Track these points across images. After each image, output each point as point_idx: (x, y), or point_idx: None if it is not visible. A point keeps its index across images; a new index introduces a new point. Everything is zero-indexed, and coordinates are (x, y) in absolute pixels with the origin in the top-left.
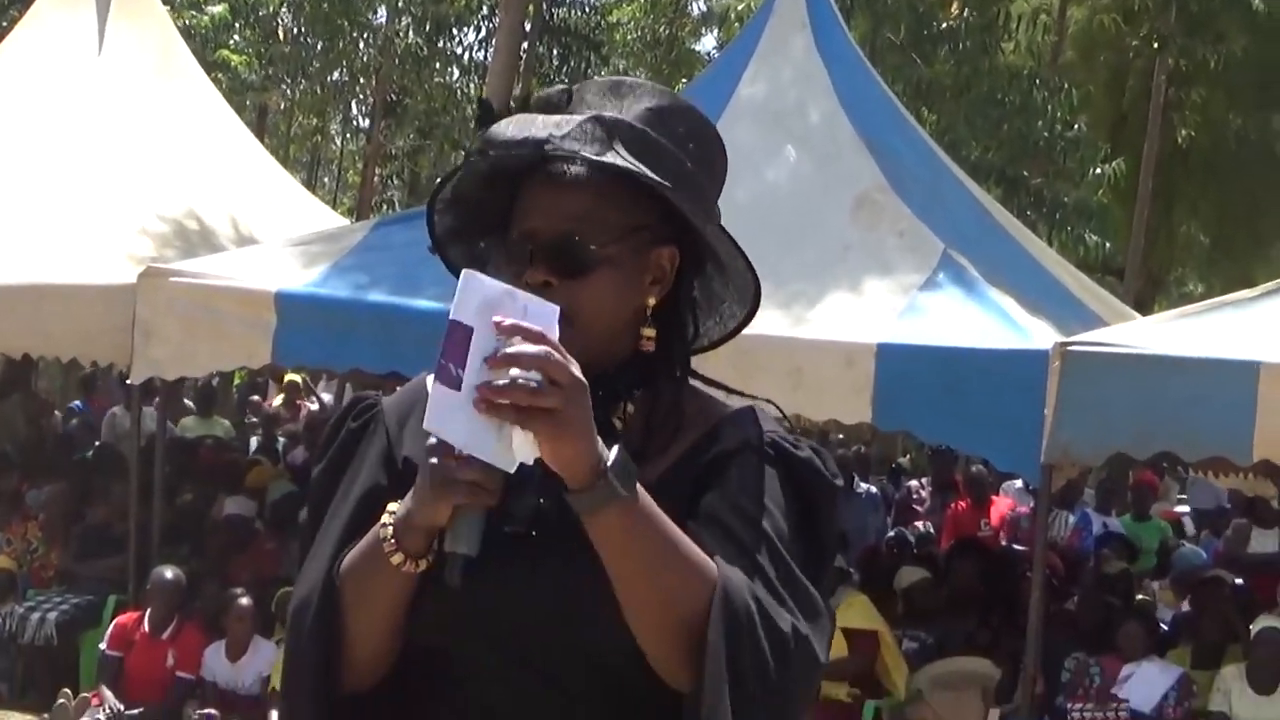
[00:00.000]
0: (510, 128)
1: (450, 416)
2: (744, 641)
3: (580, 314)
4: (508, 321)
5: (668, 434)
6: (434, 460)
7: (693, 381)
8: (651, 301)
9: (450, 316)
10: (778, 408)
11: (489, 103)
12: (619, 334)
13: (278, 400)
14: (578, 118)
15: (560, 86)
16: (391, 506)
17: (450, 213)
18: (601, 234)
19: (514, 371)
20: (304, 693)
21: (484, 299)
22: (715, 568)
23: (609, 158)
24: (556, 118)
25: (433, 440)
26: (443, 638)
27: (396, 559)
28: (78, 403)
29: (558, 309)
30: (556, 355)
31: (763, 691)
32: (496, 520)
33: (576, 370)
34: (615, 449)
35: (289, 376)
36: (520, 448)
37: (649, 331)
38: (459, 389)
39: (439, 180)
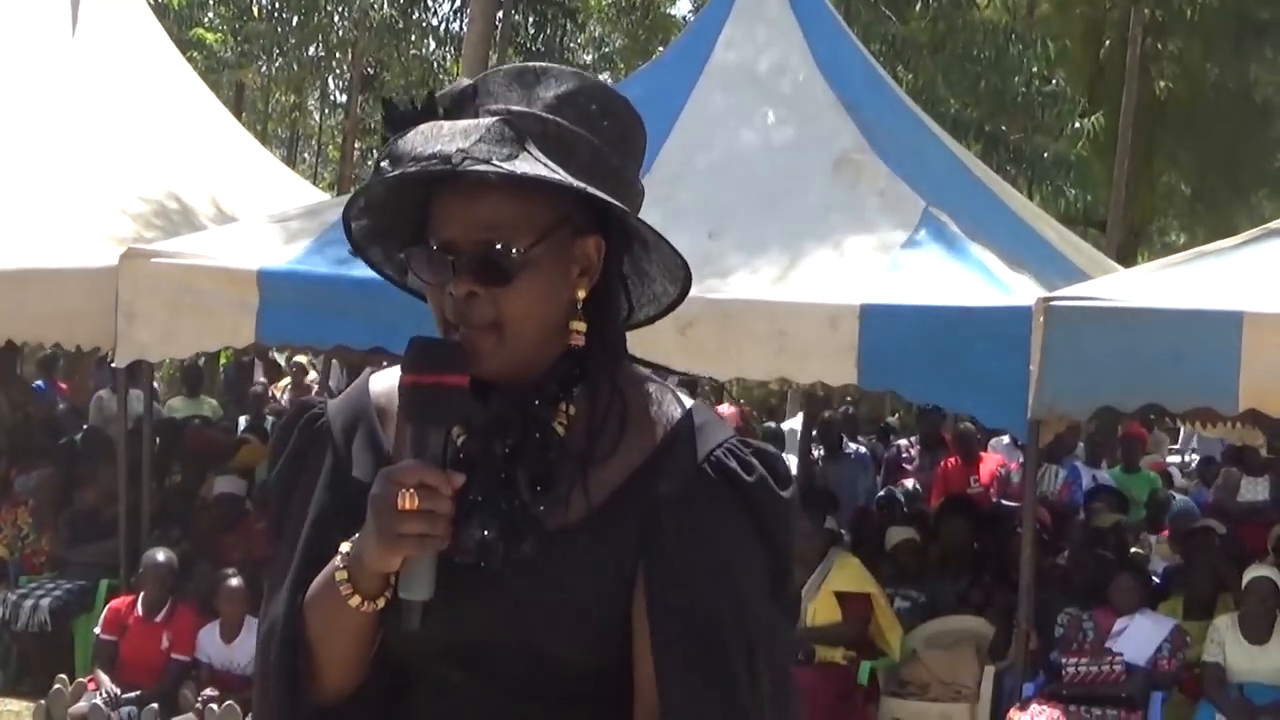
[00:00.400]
0: (417, 140)
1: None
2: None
3: (510, 320)
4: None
5: (614, 432)
6: (380, 514)
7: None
8: (581, 294)
9: None
10: (718, 384)
11: (394, 103)
12: (550, 333)
13: (284, 390)
14: (485, 122)
15: (464, 81)
16: (343, 547)
17: (366, 217)
18: (522, 237)
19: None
20: (275, 715)
21: None
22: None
23: (521, 163)
24: (463, 124)
25: (375, 492)
26: (409, 659)
27: (354, 602)
28: (40, 383)
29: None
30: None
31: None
32: (446, 552)
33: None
34: None
35: (297, 358)
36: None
37: (579, 325)
38: None
39: (352, 192)
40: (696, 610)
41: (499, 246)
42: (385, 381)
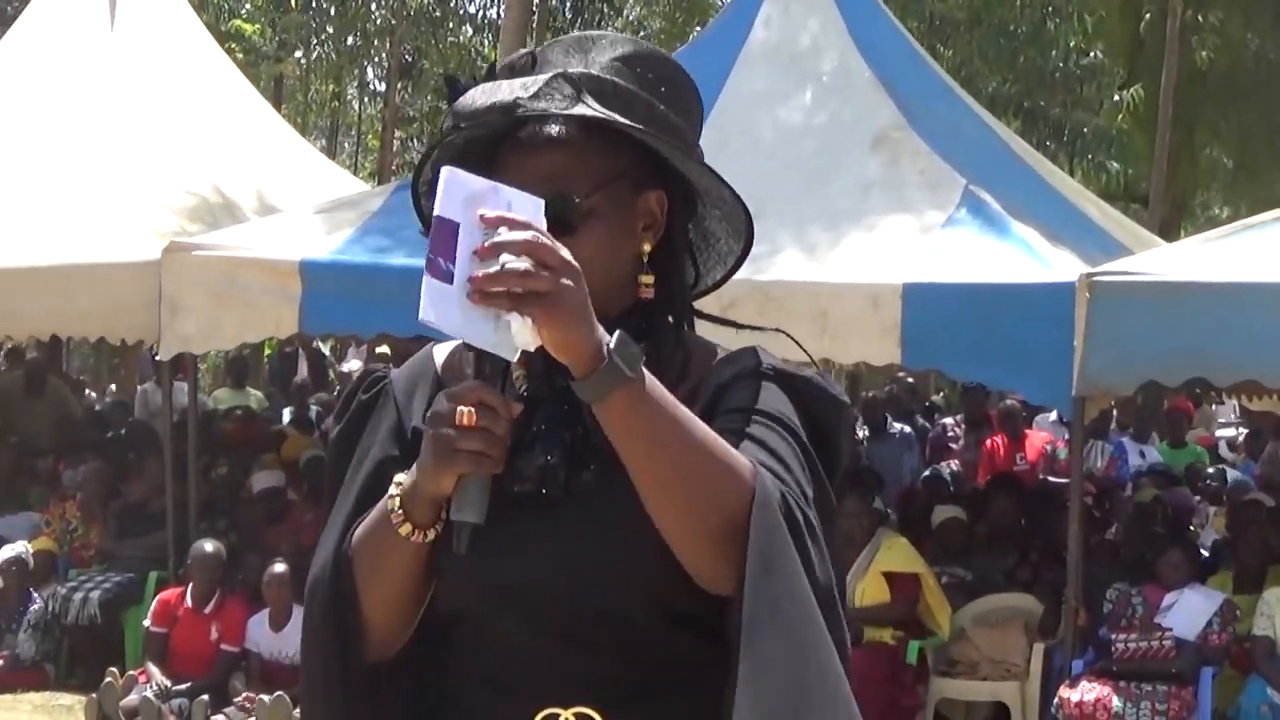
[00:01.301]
0: (478, 97)
1: (445, 309)
2: (784, 538)
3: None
4: (492, 214)
5: (672, 381)
6: (436, 430)
7: (701, 324)
8: (647, 248)
9: (435, 213)
10: (794, 339)
11: (457, 79)
12: (617, 285)
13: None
14: (543, 77)
15: (523, 50)
16: (399, 477)
17: (432, 195)
18: (583, 186)
19: (504, 258)
20: (320, 669)
21: (468, 194)
22: (743, 457)
23: (578, 109)
24: (522, 80)
25: (435, 410)
26: (460, 603)
27: (405, 530)
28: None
29: (543, 201)
30: (544, 239)
31: (800, 588)
32: (505, 479)
33: (566, 254)
34: (617, 332)
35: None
36: (519, 334)
37: (646, 279)
38: (451, 283)
39: (417, 164)
40: (748, 445)
41: (561, 195)
42: (450, 348)
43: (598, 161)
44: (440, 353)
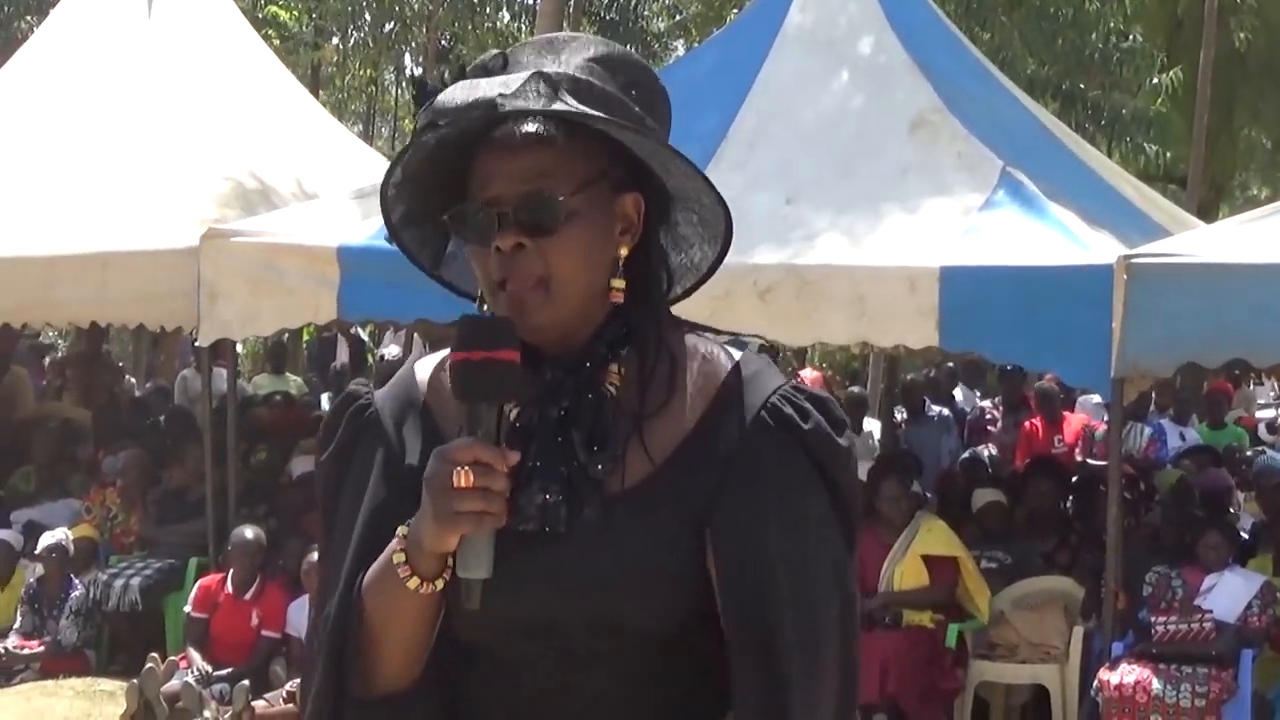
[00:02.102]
0: (457, 93)
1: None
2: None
3: (557, 274)
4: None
5: (664, 387)
6: (435, 493)
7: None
8: (623, 252)
9: None
10: (772, 344)
11: (423, 80)
12: (596, 291)
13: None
14: (522, 75)
15: (493, 51)
16: (401, 530)
17: (402, 197)
18: (566, 186)
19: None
20: (330, 714)
21: None
22: None
23: (558, 106)
24: (500, 78)
25: (429, 472)
26: (475, 638)
27: (413, 584)
28: None
29: None
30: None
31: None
32: (507, 522)
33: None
34: None
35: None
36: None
37: (618, 283)
38: None
39: (389, 165)
40: (773, 559)
41: (544, 194)
42: (431, 367)
43: (578, 161)
44: (423, 371)
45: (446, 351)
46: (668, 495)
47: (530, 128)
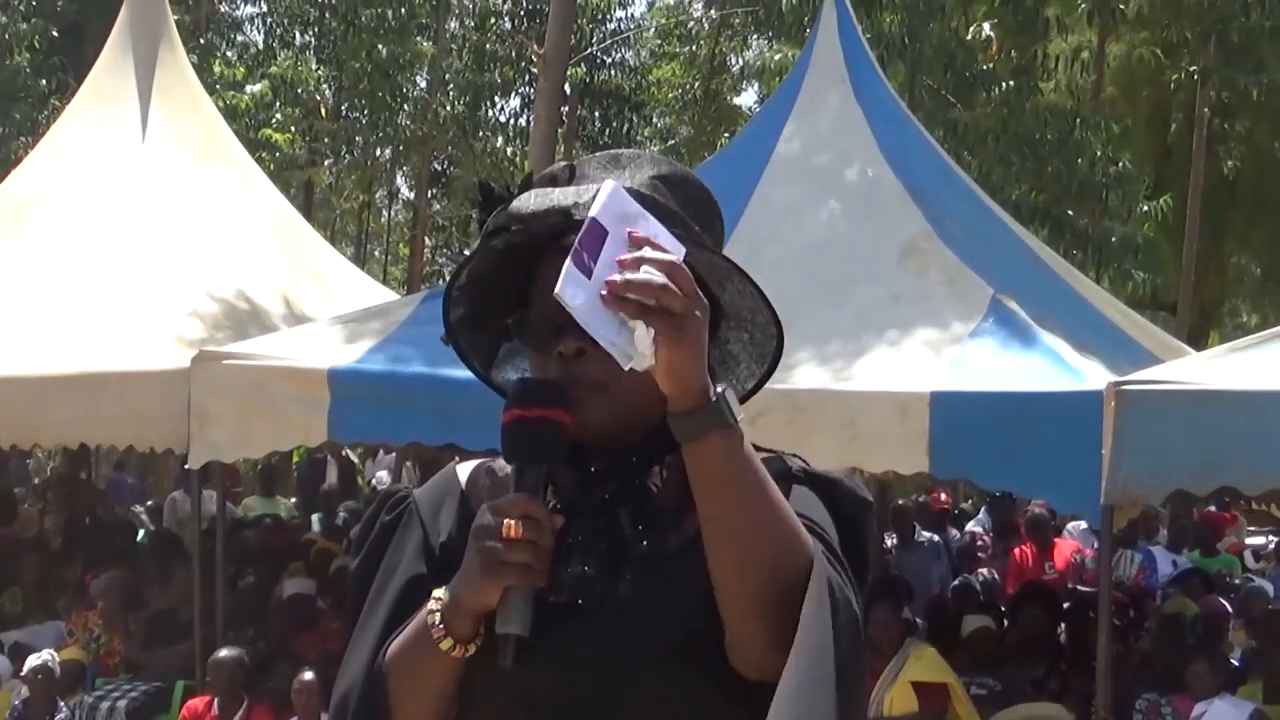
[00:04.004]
0: (531, 200)
1: (578, 294)
2: (836, 619)
3: (615, 380)
4: (642, 233)
5: None
6: (481, 544)
7: None
8: None
9: (590, 215)
10: (804, 462)
11: (489, 185)
12: (650, 399)
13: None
14: (594, 186)
15: (561, 163)
16: (437, 593)
17: (463, 300)
18: None
19: (645, 270)
20: None
21: (623, 211)
22: (806, 533)
23: None
24: (573, 188)
25: (479, 523)
26: (495, 712)
27: (446, 645)
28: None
29: (684, 249)
30: (684, 268)
31: (843, 671)
32: (542, 592)
33: (698, 292)
34: (722, 385)
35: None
36: (641, 341)
37: None
38: (589, 277)
39: (455, 268)
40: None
41: None
42: (471, 467)
43: None
44: (464, 471)
45: (486, 458)
46: (697, 564)
47: None
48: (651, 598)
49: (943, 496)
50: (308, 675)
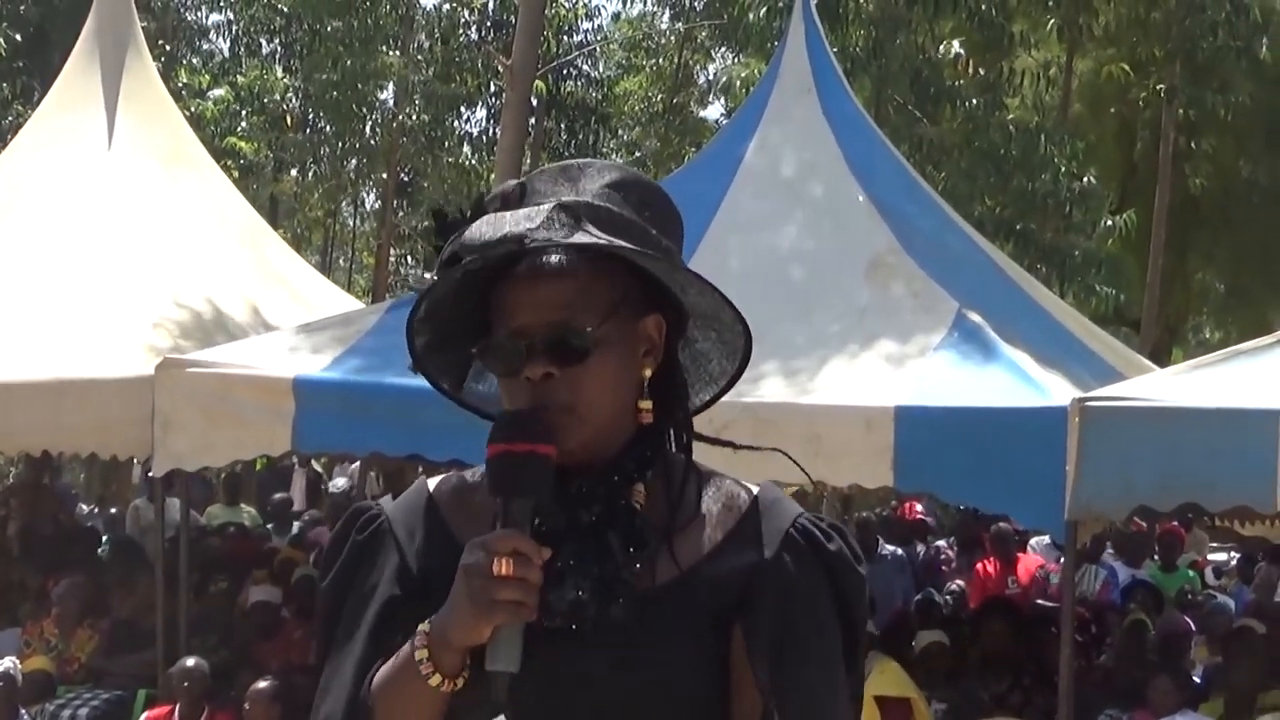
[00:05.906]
0: (484, 229)
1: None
2: None
3: (586, 400)
4: None
5: (691, 506)
6: (471, 582)
7: (698, 445)
8: (647, 373)
9: None
10: (792, 459)
11: (443, 211)
12: (624, 413)
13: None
14: (545, 208)
15: (512, 182)
16: (423, 626)
17: (426, 328)
18: (592, 316)
19: None
20: None
21: None
22: None
23: (580, 238)
24: (523, 211)
25: (468, 560)
26: None
27: (435, 680)
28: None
29: None
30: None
31: None
32: (535, 619)
33: None
34: None
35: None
36: None
37: (645, 404)
38: None
39: (415, 300)
40: (800, 677)
41: (572, 325)
42: (444, 483)
43: (602, 288)
44: (433, 485)
45: (454, 472)
46: (695, 600)
47: (555, 260)
48: (646, 624)
49: (918, 508)
50: (263, 684)
